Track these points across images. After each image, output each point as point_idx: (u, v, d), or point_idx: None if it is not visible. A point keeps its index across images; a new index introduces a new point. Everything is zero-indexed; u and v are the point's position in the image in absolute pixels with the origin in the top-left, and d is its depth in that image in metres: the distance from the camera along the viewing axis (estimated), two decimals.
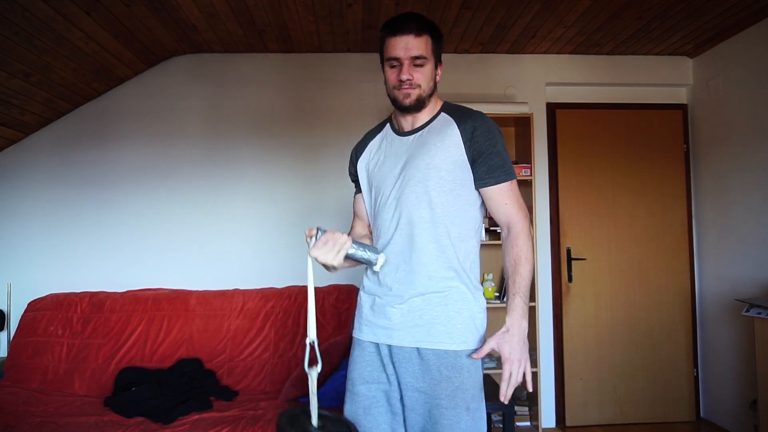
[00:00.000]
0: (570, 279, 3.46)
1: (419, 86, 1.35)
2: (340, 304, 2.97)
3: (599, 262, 3.48)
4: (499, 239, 3.14)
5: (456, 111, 1.41)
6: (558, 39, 3.23)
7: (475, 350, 1.33)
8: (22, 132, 3.20)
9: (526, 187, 3.26)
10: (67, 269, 3.22)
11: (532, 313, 3.15)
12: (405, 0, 2.68)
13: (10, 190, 3.24)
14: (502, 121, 3.32)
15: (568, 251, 3.47)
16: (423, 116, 1.42)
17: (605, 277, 3.48)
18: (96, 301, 3.00)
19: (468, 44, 3.30)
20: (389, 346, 1.36)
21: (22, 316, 3.00)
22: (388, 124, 1.51)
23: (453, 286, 1.34)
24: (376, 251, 1.37)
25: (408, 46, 1.33)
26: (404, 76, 1.33)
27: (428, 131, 1.40)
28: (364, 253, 1.34)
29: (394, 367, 1.36)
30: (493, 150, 1.35)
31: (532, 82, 3.47)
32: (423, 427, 1.33)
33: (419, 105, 1.38)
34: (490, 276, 3.27)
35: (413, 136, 1.41)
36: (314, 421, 1.23)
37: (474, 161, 1.35)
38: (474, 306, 1.36)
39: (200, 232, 3.29)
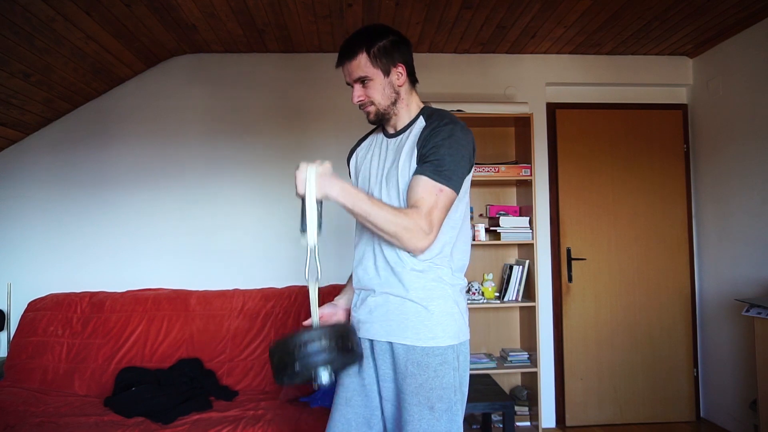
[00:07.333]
0: (570, 279, 3.46)
1: (372, 103, 1.43)
2: None
3: (599, 262, 3.48)
4: (499, 239, 3.14)
5: (431, 115, 1.42)
6: (558, 39, 3.22)
7: (449, 347, 1.32)
8: (22, 132, 3.20)
9: (526, 187, 3.25)
10: (67, 269, 3.22)
11: (532, 312, 3.15)
12: (405, 0, 2.68)
13: (10, 190, 3.24)
14: (502, 121, 3.32)
15: (568, 251, 3.47)
16: (401, 120, 1.47)
17: (605, 277, 3.48)
18: (96, 301, 3.00)
19: (468, 44, 3.30)
20: (370, 340, 1.40)
21: (22, 316, 3.00)
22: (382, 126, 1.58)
23: (422, 283, 1.34)
24: (313, 228, 1.31)
25: (348, 71, 1.42)
26: (355, 100, 1.44)
27: (408, 135, 1.43)
28: (311, 216, 1.31)
29: (374, 359, 1.40)
30: (439, 149, 1.31)
31: (532, 82, 3.47)
32: (397, 418, 1.36)
33: (381, 118, 1.46)
34: (490, 276, 3.26)
35: (395, 139, 1.47)
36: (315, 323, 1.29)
37: (419, 158, 1.35)
38: (446, 302, 1.35)
39: (200, 232, 3.29)
